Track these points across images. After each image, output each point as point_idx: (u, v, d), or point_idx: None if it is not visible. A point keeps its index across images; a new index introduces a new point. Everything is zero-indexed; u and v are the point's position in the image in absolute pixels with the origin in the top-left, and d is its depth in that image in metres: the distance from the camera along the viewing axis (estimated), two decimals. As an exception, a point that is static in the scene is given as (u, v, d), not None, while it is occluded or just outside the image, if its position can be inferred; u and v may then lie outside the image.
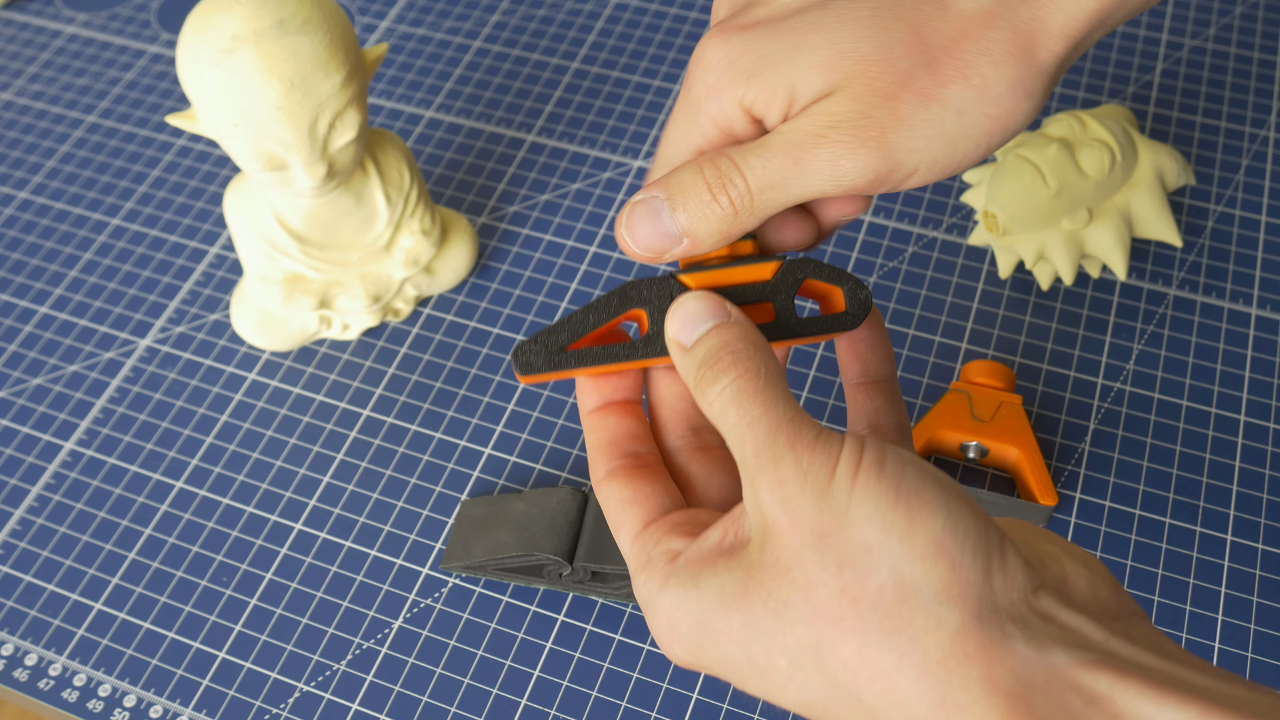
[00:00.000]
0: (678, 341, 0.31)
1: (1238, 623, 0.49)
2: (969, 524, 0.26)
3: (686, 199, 0.32)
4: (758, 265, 0.33)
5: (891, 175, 0.31)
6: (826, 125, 0.30)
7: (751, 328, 0.31)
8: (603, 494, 0.33)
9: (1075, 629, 0.26)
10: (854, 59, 0.30)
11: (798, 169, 0.30)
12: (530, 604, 0.50)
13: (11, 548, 0.53)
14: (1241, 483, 0.53)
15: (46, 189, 0.66)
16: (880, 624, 0.26)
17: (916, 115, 0.30)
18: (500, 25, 0.73)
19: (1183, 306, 0.58)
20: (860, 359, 0.35)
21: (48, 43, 0.74)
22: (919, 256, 0.60)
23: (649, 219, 0.32)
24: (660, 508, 0.32)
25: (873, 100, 0.30)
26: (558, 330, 0.32)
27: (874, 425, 0.35)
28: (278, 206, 0.54)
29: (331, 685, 0.49)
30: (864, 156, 0.30)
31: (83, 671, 0.50)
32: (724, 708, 0.47)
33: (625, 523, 0.32)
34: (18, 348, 0.60)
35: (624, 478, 0.33)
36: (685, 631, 0.29)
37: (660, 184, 0.32)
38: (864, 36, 0.30)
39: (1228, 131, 0.65)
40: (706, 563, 0.29)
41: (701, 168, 0.32)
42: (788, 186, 0.31)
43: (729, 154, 0.31)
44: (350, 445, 0.55)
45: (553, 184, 0.65)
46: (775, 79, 0.31)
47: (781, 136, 0.31)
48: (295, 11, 0.48)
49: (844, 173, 0.30)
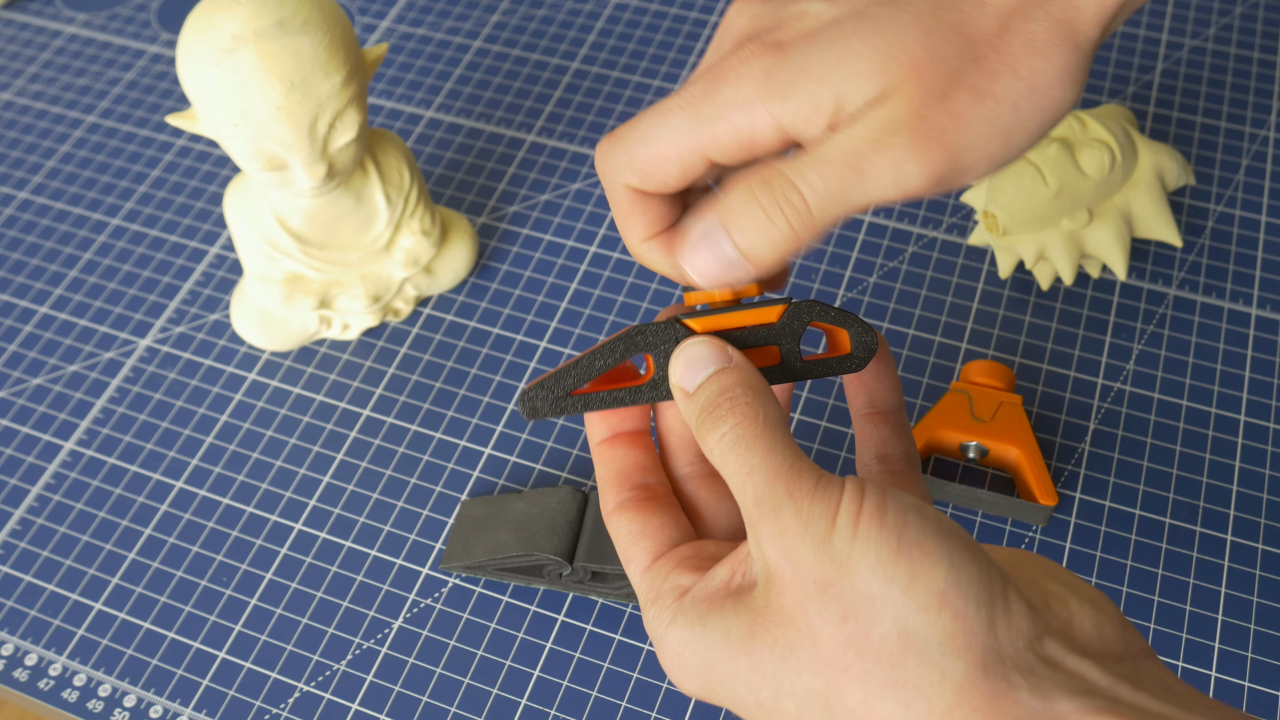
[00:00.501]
0: (681, 387, 0.31)
1: (1238, 623, 0.49)
2: (972, 572, 0.26)
3: (742, 224, 0.31)
4: (763, 309, 0.33)
5: (952, 174, 0.30)
6: (884, 130, 0.29)
7: (752, 372, 0.31)
8: (613, 526, 0.34)
9: (1080, 674, 0.26)
10: (904, 62, 0.29)
11: (858, 178, 0.30)
12: (530, 604, 0.50)
13: (11, 548, 0.53)
14: (1241, 483, 0.53)
15: (46, 189, 0.66)
16: (885, 675, 0.26)
17: (972, 112, 0.30)
18: (500, 25, 0.73)
19: (1183, 306, 0.58)
20: (867, 390, 0.35)
21: (48, 43, 0.74)
22: (919, 256, 0.60)
23: (706, 248, 0.31)
24: (669, 540, 0.33)
25: (928, 101, 0.29)
26: (564, 375, 0.33)
27: (881, 455, 0.35)
28: (278, 206, 0.54)
29: (331, 685, 0.49)
30: (926, 158, 0.29)
31: (83, 671, 0.50)
32: (724, 709, 0.47)
33: (634, 556, 0.33)
34: (18, 348, 0.60)
35: (633, 510, 0.33)
36: (693, 670, 0.29)
37: (713, 209, 0.31)
38: (912, 39, 0.30)
39: (1228, 131, 0.65)
40: (714, 603, 0.29)
41: (753, 188, 0.30)
42: (848, 197, 0.30)
43: (781, 171, 0.30)
44: (350, 445, 0.55)
45: (553, 184, 0.65)
46: (820, 92, 0.30)
47: (837, 147, 0.30)
48: (295, 11, 0.48)
49: (907, 176, 0.30)
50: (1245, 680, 0.48)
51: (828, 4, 0.31)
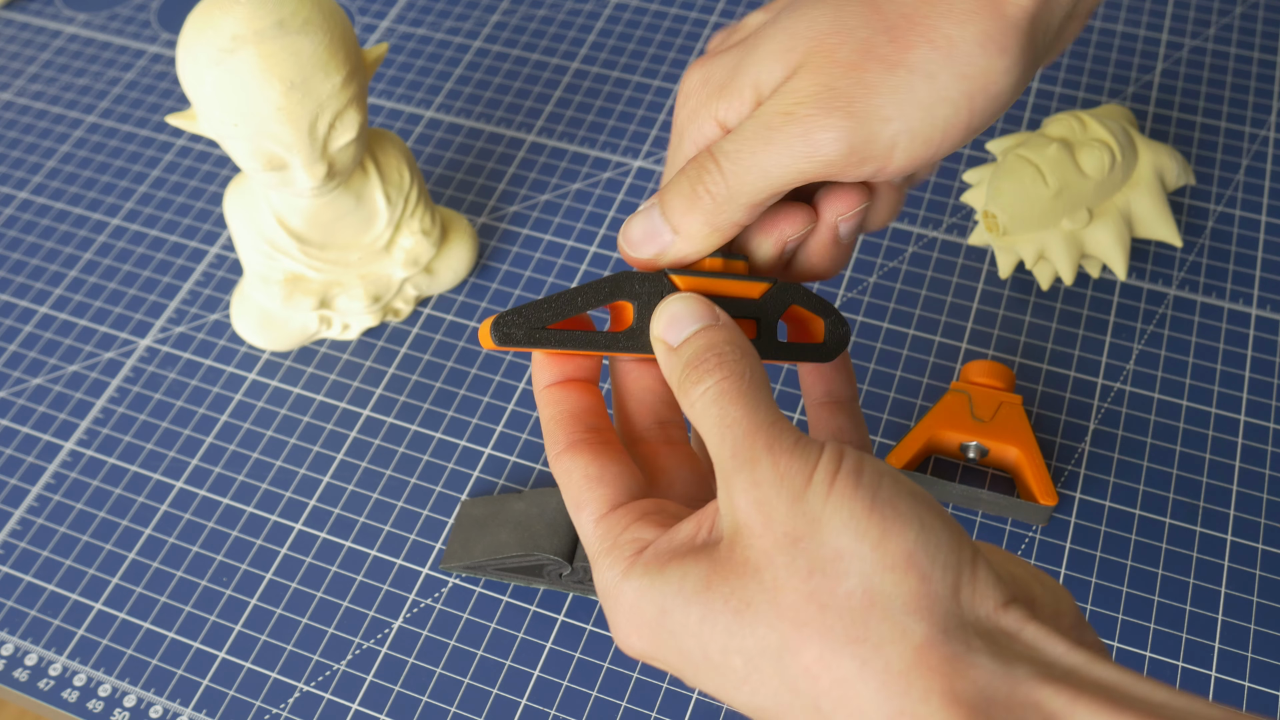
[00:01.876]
0: (664, 340, 0.31)
1: (1238, 623, 0.49)
2: (941, 537, 0.26)
3: (671, 196, 0.33)
4: (749, 283, 0.33)
5: (869, 146, 0.31)
6: (792, 102, 0.31)
7: (738, 332, 0.31)
8: (563, 466, 0.32)
9: (1039, 645, 0.26)
10: (809, 37, 0.31)
11: (769, 147, 0.31)
12: (530, 604, 0.50)
13: (11, 548, 0.53)
14: (1241, 483, 0.53)
15: (46, 189, 0.66)
16: (845, 631, 0.26)
17: (884, 82, 0.30)
18: (500, 25, 0.73)
19: (1183, 306, 0.58)
20: (825, 380, 0.36)
21: (48, 43, 0.74)
22: (919, 256, 0.60)
23: (641, 221, 0.33)
24: (627, 491, 0.32)
25: (835, 71, 0.30)
26: (543, 307, 0.32)
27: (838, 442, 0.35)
28: (278, 206, 0.54)
29: (331, 685, 0.49)
30: (835, 126, 0.30)
31: (83, 671, 0.50)
32: (724, 709, 0.47)
33: (589, 501, 0.31)
34: (18, 348, 0.60)
35: (588, 453, 0.32)
36: (646, 619, 0.29)
37: (657, 193, 0.34)
38: (818, 16, 0.31)
39: (1228, 131, 0.65)
40: (675, 555, 0.29)
41: (685, 169, 0.33)
42: (764, 169, 0.31)
43: (707, 149, 0.33)
44: (350, 445, 0.55)
45: (553, 184, 0.65)
46: (740, 81, 0.32)
47: (751, 120, 0.31)
48: (295, 11, 0.48)
49: (817, 146, 0.31)
50: (1245, 680, 0.48)
51: (763, 12, 0.34)
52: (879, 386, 0.56)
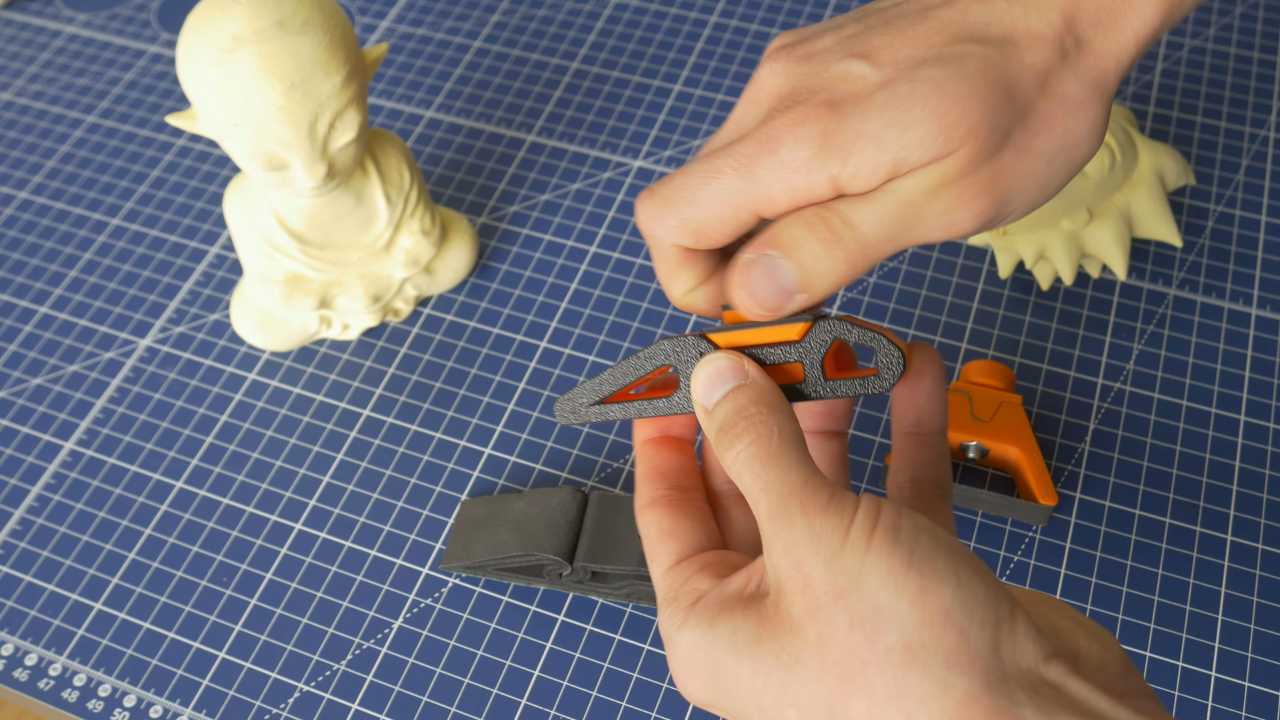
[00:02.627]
0: (701, 404, 0.32)
1: (1238, 623, 0.49)
2: (979, 592, 0.27)
3: (801, 255, 0.32)
4: (787, 326, 0.33)
5: (995, 220, 0.32)
6: (939, 184, 0.31)
7: (769, 388, 0.31)
8: (643, 521, 0.34)
9: (1082, 699, 0.26)
10: (965, 128, 0.31)
11: (911, 223, 0.31)
12: (530, 604, 0.50)
13: (11, 548, 0.53)
14: (1241, 483, 0.53)
15: (46, 189, 0.66)
16: (888, 686, 0.26)
17: (1016, 167, 0.32)
18: (500, 25, 0.73)
19: (1183, 306, 0.58)
20: (915, 408, 0.36)
21: (48, 43, 0.74)
22: (919, 256, 0.60)
23: (767, 277, 0.32)
24: (695, 544, 0.33)
25: (980, 159, 0.31)
26: (599, 384, 0.35)
27: (916, 478, 0.35)
28: (278, 206, 0.54)
29: (331, 685, 0.49)
30: (975, 207, 0.31)
31: (83, 671, 0.50)
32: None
33: (660, 554, 0.33)
34: (18, 348, 0.60)
35: (665, 508, 0.34)
36: (700, 671, 0.30)
37: (769, 242, 0.32)
38: (970, 105, 0.31)
39: (1228, 131, 0.65)
40: (725, 607, 0.30)
41: (810, 223, 0.32)
42: (900, 238, 0.32)
43: (838, 209, 0.32)
44: (350, 445, 0.55)
45: (553, 184, 0.65)
46: (880, 154, 0.31)
47: (893, 196, 0.31)
48: (295, 11, 0.48)
49: (956, 223, 0.32)
50: (1245, 680, 0.48)
51: (872, 67, 0.32)
52: (879, 386, 0.56)
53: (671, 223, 0.33)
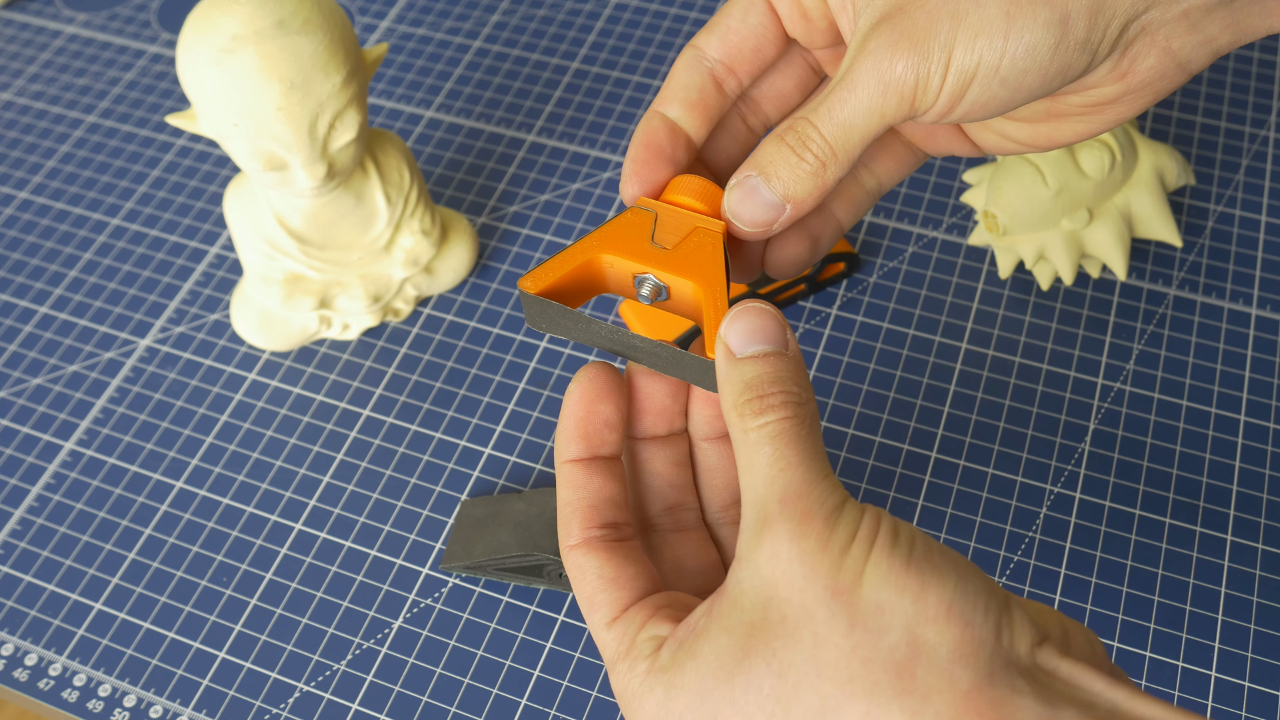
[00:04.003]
0: (728, 345, 0.30)
1: (1238, 623, 0.49)
2: (978, 585, 0.27)
3: (776, 168, 0.32)
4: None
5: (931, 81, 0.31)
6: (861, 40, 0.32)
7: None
8: (575, 563, 0.31)
9: (1077, 681, 0.26)
10: None
11: (850, 95, 0.31)
12: (530, 604, 0.50)
13: (11, 548, 0.53)
14: (1241, 483, 0.53)
15: (46, 189, 0.66)
16: (890, 684, 0.26)
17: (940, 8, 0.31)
18: (500, 25, 0.73)
19: (1183, 306, 0.58)
20: None
21: (48, 43, 0.74)
22: (919, 256, 0.60)
23: (750, 197, 0.33)
24: (640, 590, 0.31)
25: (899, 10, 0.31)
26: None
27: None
28: (278, 206, 0.54)
29: (331, 685, 0.49)
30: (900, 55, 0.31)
31: (83, 671, 0.50)
32: (724, 708, 0.47)
33: (601, 605, 0.31)
34: (18, 348, 0.60)
35: (604, 552, 0.31)
36: (676, 712, 0.28)
37: (748, 164, 0.33)
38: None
39: (1228, 131, 0.65)
40: (700, 635, 0.28)
41: (781, 136, 0.32)
42: (852, 120, 0.32)
43: (801, 115, 0.32)
44: (350, 445, 0.55)
45: (553, 184, 0.65)
46: None
47: (836, 75, 0.32)
48: (295, 11, 0.48)
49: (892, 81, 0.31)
50: (1245, 680, 0.48)
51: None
52: (878, 386, 0.56)
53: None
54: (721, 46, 0.35)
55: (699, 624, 0.28)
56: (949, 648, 0.26)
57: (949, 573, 0.27)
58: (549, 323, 0.33)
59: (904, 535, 0.27)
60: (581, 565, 0.31)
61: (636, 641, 0.29)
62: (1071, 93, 0.34)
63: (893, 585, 0.26)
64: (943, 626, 0.26)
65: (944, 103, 0.31)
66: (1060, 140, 0.35)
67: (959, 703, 0.25)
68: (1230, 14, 0.32)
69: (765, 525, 0.28)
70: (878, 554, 0.27)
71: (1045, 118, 0.35)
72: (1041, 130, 0.35)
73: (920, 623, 0.26)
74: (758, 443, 0.29)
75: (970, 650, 0.26)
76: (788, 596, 0.27)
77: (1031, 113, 0.35)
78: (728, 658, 0.27)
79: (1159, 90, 0.33)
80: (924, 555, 0.27)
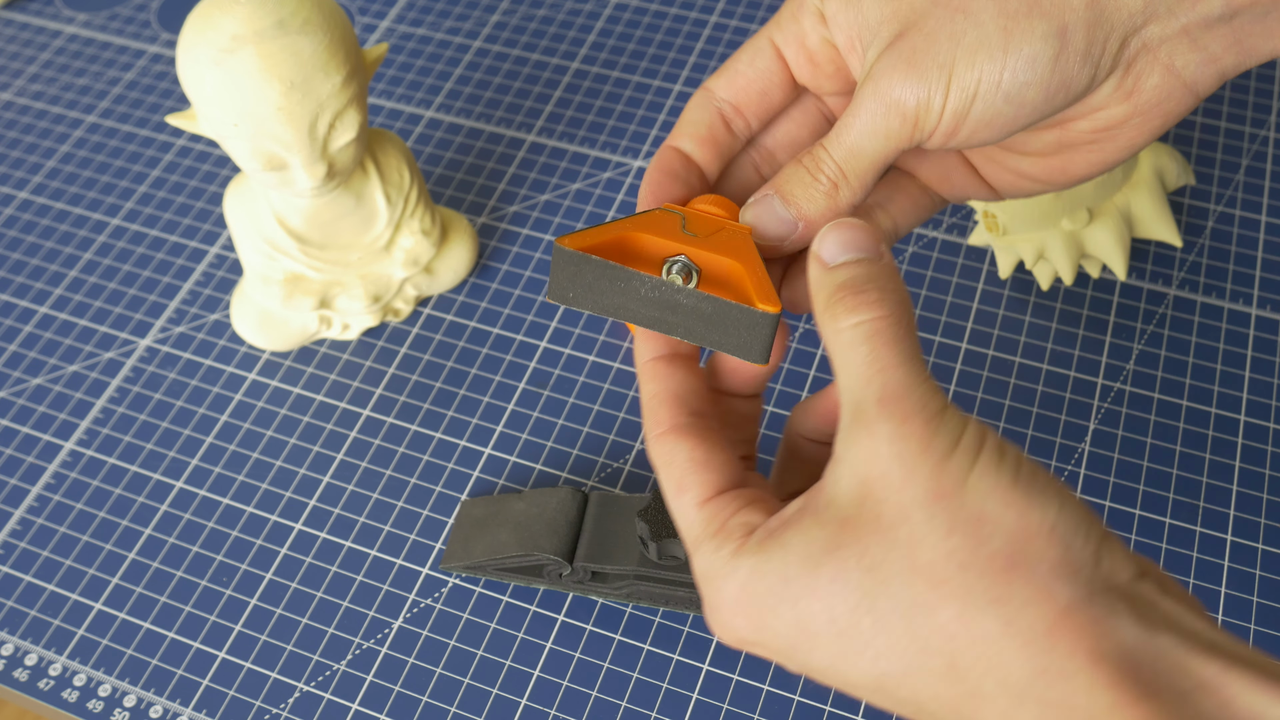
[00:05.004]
0: (820, 257, 0.31)
1: (1238, 623, 0.49)
2: (1080, 513, 0.27)
3: (792, 187, 0.33)
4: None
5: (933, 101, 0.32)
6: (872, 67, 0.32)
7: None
8: (665, 448, 0.31)
9: (1177, 616, 0.26)
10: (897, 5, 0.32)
11: (855, 120, 0.32)
12: (530, 604, 0.50)
13: (11, 548, 0.53)
14: (1241, 483, 0.53)
15: (46, 189, 0.66)
16: (986, 591, 0.26)
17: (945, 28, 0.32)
18: (500, 25, 0.73)
19: (1183, 306, 0.58)
20: None
21: (48, 43, 0.74)
22: (919, 256, 0.60)
23: (766, 213, 0.34)
24: (732, 480, 0.31)
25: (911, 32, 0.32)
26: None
27: None
28: (278, 206, 0.54)
29: (331, 685, 0.49)
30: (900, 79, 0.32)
31: (83, 671, 0.50)
32: (724, 708, 0.47)
33: (693, 485, 0.30)
34: (18, 348, 0.60)
35: (695, 438, 0.31)
36: (758, 596, 0.28)
37: (768, 184, 0.34)
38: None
39: (1228, 131, 0.65)
40: (790, 525, 0.28)
41: (800, 159, 0.34)
42: (860, 144, 0.33)
43: (819, 144, 0.34)
44: (350, 445, 0.55)
45: (553, 184, 0.65)
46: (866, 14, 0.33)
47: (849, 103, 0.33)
48: (295, 11, 0.48)
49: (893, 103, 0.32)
50: (1245, 680, 0.48)
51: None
52: (879, 386, 0.56)
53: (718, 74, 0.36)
54: (730, 89, 0.36)
55: (791, 516, 0.29)
56: (1050, 565, 0.26)
57: (1053, 496, 0.27)
58: (580, 286, 0.32)
59: (1010, 453, 0.27)
60: (671, 449, 0.31)
61: (728, 524, 0.29)
62: (1079, 117, 0.34)
63: (998, 499, 0.26)
64: (1044, 545, 0.26)
65: (949, 122, 0.32)
66: (1074, 174, 0.36)
67: (1054, 615, 0.26)
68: (1232, 32, 0.32)
69: (863, 424, 0.28)
70: (983, 466, 0.27)
71: (1057, 149, 0.35)
72: (1055, 164, 0.36)
73: (1022, 539, 0.26)
74: (852, 342, 0.29)
75: (1070, 570, 0.26)
76: (884, 496, 0.27)
77: (1042, 145, 0.35)
78: (817, 548, 0.27)
79: (1167, 112, 0.33)
80: (1030, 476, 0.27)
